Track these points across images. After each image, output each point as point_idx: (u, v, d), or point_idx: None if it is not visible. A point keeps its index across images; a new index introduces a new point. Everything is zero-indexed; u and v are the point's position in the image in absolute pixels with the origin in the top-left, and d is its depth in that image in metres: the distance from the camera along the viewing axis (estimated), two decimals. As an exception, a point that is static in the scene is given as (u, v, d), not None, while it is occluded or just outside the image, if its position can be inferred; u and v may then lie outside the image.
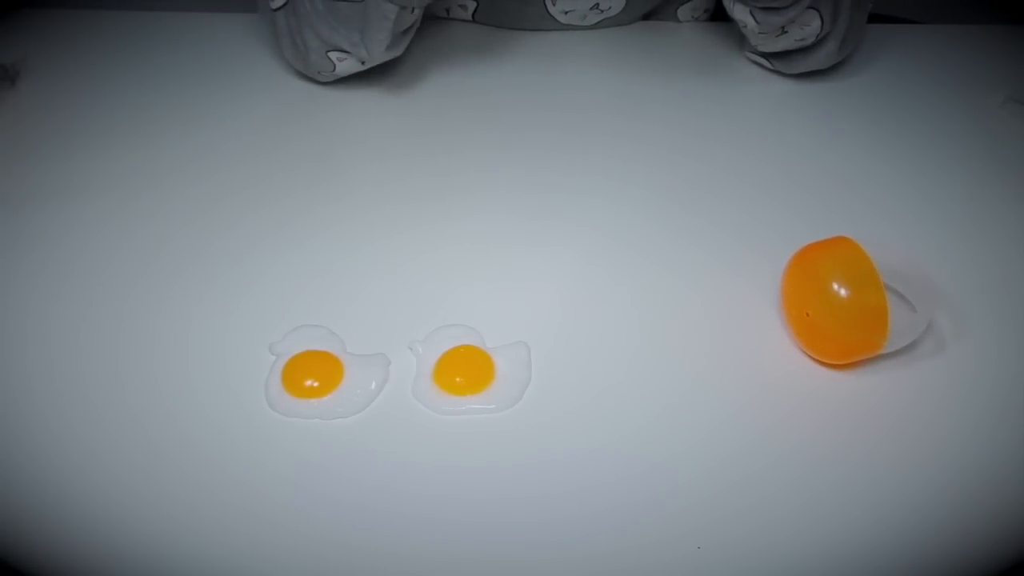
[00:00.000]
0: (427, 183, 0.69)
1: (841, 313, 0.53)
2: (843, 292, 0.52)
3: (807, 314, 0.54)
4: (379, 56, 0.71)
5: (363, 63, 0.72)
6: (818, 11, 0.69)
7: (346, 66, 0.73)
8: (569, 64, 0.78)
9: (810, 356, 0.56)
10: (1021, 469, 0.51)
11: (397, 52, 0.72)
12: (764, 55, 0.75)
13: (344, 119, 0.74)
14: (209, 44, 0.81)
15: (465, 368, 0.55)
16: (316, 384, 0.54)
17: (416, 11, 0.69)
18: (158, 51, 0.81)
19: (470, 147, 0.72)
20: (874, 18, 0.94)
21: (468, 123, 0.74)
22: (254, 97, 0.76)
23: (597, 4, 0.78)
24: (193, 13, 0.84)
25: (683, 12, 0.85)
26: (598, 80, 0.77)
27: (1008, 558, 0.47)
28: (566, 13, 0.79)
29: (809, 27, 0.70)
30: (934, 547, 0.48)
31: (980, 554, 0.48)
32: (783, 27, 0.70)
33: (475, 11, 0.80)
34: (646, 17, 0.84)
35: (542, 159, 0.70)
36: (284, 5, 0.72)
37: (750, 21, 0.70)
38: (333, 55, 0.72)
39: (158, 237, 0.64)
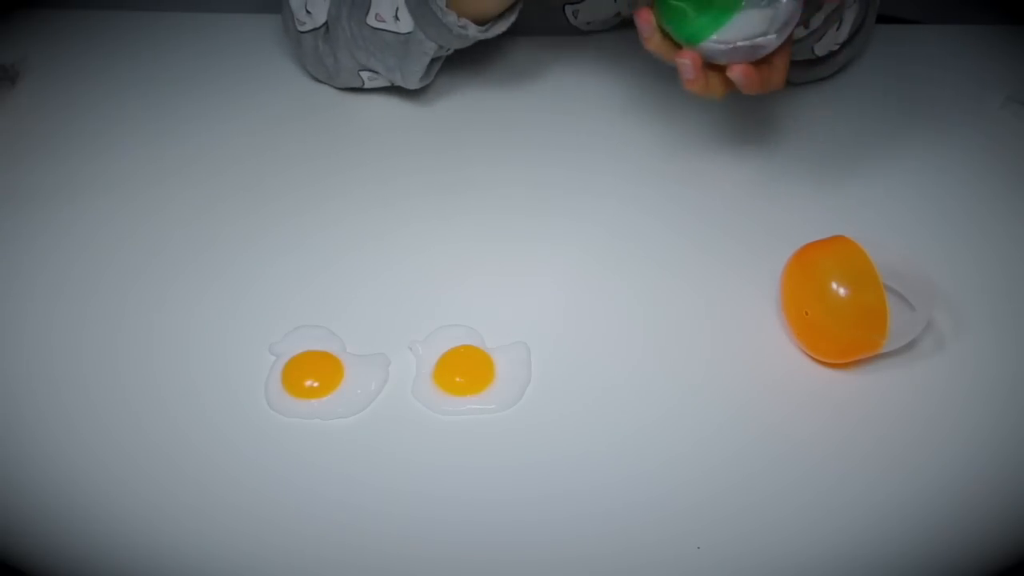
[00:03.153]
0: (428, 182, 0.69)
1: (840, 312, 0.53)
2: (842, 291, 0.52)
3: (806, 313, 0.54)
4: (413, 84, 0.72)
5: (392, 83, 0.73)
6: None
7: (375, 84, 0.73)
8: (573, 66, 0.78)
9: (809, 355, 0.56)
10: (1021, 468, 0.51)
11: (428, 80, 0.72)
12: None
13: (344, 119, 0.74)
14: (209, 44, 0.81)
15: (465, 368, 0.55)
16: (316, 384, 0.54)
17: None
18: (158, 51, 0.81)
19: (471, 146, 0.72)
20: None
21: (469, 123, 0.74)
22: (253, 97, 0.76)
23: (619, 12, 0.78)
24: (194, 13, 0.84)
25: None
26: (599, 81, 0.77)
27: (1008, 558, 0.47)
28: (588, 23, 0.79)
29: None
30: (934, 546, 0.48)
31: (980, 554, 0.48)
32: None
33: None
34: None
35: (543, 159, 0.70)
36: (314, 29, 0.73)
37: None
38: (365, 74, 0.73)
39: (158, 237, 0.64)
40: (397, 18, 0.67)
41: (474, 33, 0.67)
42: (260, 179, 0.69)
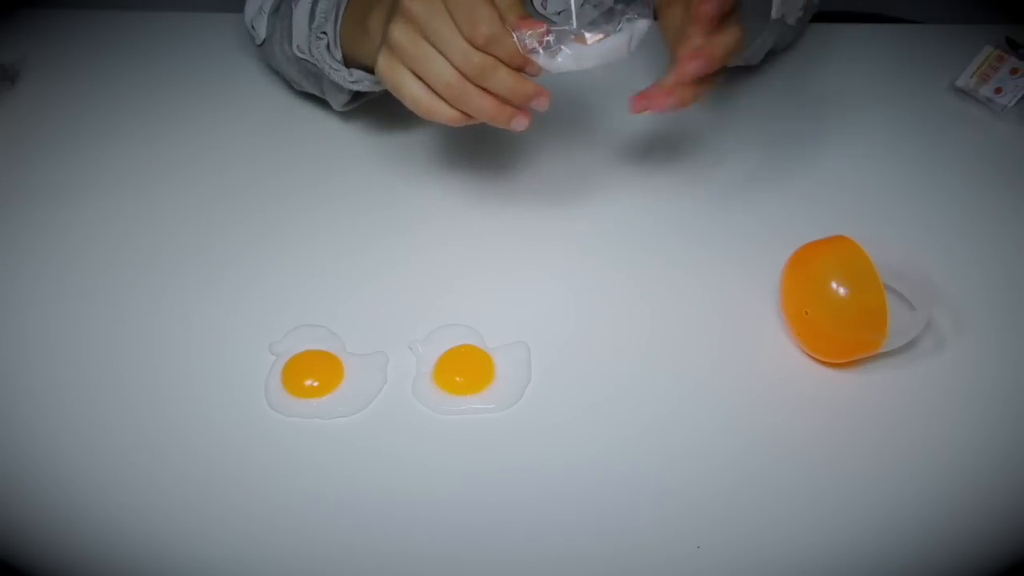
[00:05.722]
0: (427, 182, 0.69)
1: (840, 312, 0.53)
2: (842, 291, 0.52)
3: (806, 313, 0.54)
4: (338, 108, 0.70)
5: None
6: None
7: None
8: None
9: (809, 355, 0.56)
10: (1021, 468, 0.51)
11: (354, 106, 0.70)
12: None
13: (346, 120, 0.74)
14: (210, 44, 0.81)
15: (465, 368, 0.55)
16: (316, 384, 0.54)
17: None
18: (158, 51, 0.81)
19: (470, 146, 0.72)
20: (873, 18, 0.94)
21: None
22: (254, 97, 0.76)
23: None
24: (193, 13, 0.84)
25: None
26: (594, 78, 0.77)
27: (1008, 558, 0.47)
28: (558, 13, 0.79)
29: None
30: (934, 546, 0.48)
31: (980, 554, 0.48)
32: None
33: None
34: None
35: (541, 158, 0.70)
36: (260, 44, 0.73)
37: None
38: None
39: (158, 237, 0.64)
40: (312, 53, 0.66)
41: (369, 85, 0.64)
42: (261, 179, 0.69)
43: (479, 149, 0.71)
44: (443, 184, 0.68)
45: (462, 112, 0.54)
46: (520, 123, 0.55)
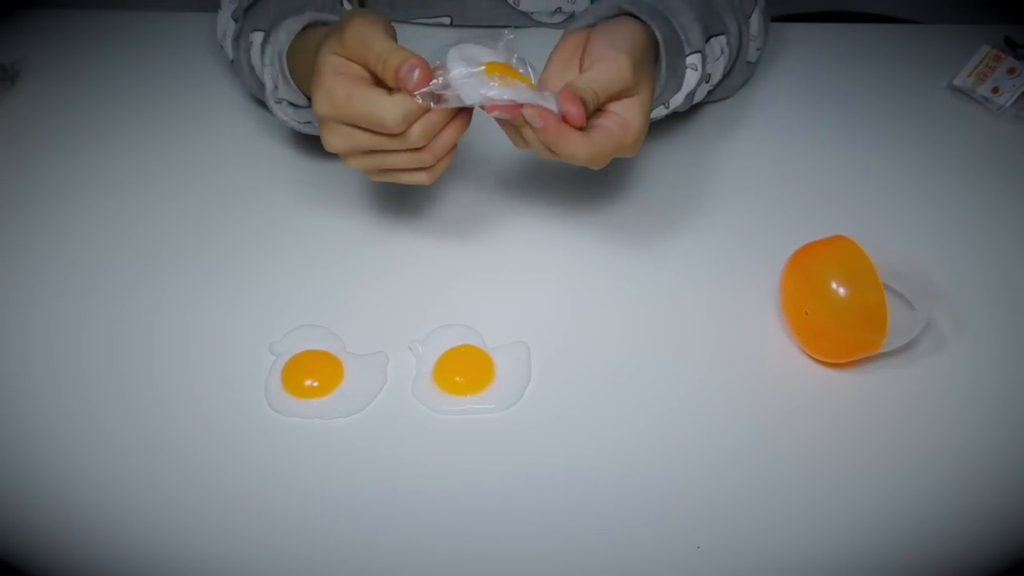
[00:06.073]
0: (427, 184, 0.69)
1: (840, 312, 0.53)
2: (842, 291, 0.52)
3: (806, 313, 0.54)
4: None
5: None
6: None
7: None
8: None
9: (809, 355, 0.56)
10: (1021, 468, 0.51)
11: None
12: None
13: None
14: (210, 44, 0.81)
15: (465, 368, 0.55)
16: (316, 384, 0.54)
17: None
18: (158, 51, 0.81)
19: (469, 147, 0.72)
20: (872, 18, 0.94)
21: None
22: (254, 98, 0.76)
23: (559, 8, 0.78)
24: (194, 13, 0.84)
25: None
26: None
27: (1008, 558, 0.47)
28: (532, 14, 0.79)
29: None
30: (934, 546, 0.48)
31: (980, 554, 0.48)
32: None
33: (451, 22, 0.80)
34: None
35: (542, 160, 0.70)
36: (231, 62, 0.72)
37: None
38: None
39: (158, 237, 0.64)
40: (275, 113, 0.65)
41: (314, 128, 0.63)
42: (261, 179, 0.69)
43: (479, 149, 0.71)
44: (444, 184, 0.68)
45: (444, 157, 0.56)
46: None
